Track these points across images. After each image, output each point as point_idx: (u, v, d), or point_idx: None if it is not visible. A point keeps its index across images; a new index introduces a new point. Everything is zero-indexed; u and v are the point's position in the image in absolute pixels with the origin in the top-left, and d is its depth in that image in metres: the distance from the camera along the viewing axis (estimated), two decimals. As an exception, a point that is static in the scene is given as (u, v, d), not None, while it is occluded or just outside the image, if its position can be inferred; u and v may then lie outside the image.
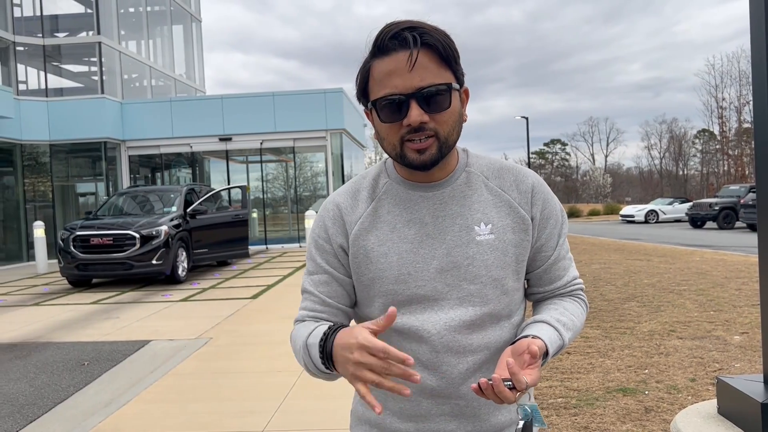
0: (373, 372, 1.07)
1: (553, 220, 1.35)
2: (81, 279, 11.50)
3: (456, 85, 1.24)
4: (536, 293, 1.40)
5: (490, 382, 1.10)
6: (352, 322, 1.42)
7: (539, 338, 1.21)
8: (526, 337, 1.21)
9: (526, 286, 1.41)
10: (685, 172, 69.32)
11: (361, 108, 1.33)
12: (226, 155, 19.70)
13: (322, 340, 1.20)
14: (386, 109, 1.22)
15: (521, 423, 1.14)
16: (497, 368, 1.15)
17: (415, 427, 1.32)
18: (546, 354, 1.21)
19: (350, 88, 1.32)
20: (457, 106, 1.24)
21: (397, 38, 1.19)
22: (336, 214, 1.35)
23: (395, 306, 1.27)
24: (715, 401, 2.07)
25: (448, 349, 1.26)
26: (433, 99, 1.20)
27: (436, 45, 1.20)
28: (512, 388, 1.10)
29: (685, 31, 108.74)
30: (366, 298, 1.33)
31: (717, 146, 58.96)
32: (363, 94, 1.28)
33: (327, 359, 1.18)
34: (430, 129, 1.21)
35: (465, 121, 1.29)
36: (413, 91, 1.19)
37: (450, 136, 1.24)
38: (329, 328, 1.22)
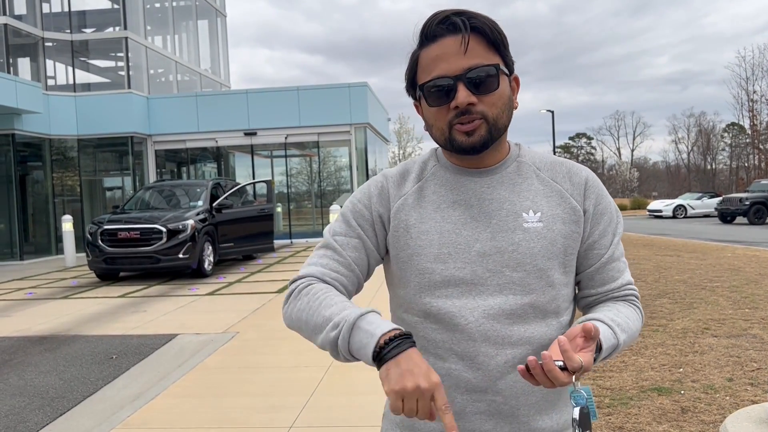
0: (414, 409, 1.03)
1: (608, 216, 1.29)
2: (109, 272, 11.61)
3: (504, 68, 1.21)
4: (588, 296, 1.32)
5: (540, 361, 1.03)
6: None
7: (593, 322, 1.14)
8: (578, 324, 1.14)
9: (577, 290, 1.34)
10: (714, 167, 68.16)
11: (385, 102, 1.30)
12: (251, 150, 19.77)
13: (397, 337, 1.07)
14: (434, 92, 1.20)
15: (576, 410, 1.07)
16: (548, 351, 1.08)
17: None
18: (599, 349, 1.14)
19: (375, 82, 1.29)
20: (506, 89, 1.22)
21: (444, 23, 1.18)
22: (383, 185, 1.32)
23: (430, 288, 1.22)
24: (766, 405, 1.98)
25: (486, 339, 1.20)
26: (481, 80, 1.18)
27: (484, 28, 1.18)
28: (564, 369, 1.03)
29: (714, 23, 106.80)
30: (403, 277, 1.28)
31: (747, 140, 57.84)
32: (411, 84, 1.26)
33: (381, 357, 1.06)
34: (477, 111, 1.18)
35: (516, 108, 1.26)
36: (460, 72, 1.17)
37: (499, 119, 1.21)
38: (402, 332, 1.09)
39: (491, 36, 1.19)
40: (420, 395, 1.02)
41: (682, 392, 4.23)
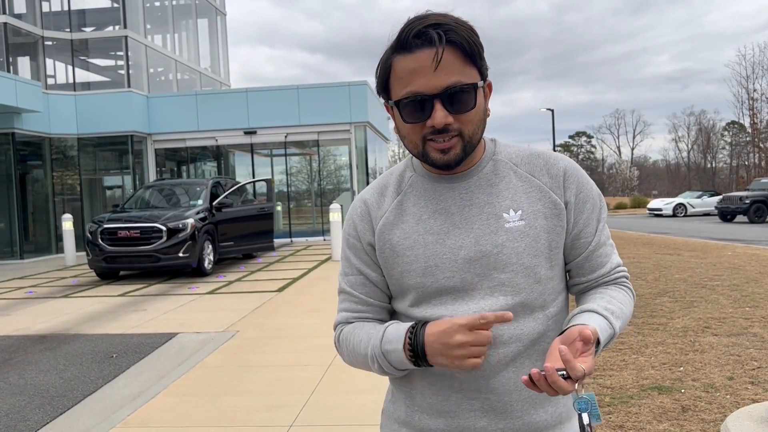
0: (478, 345, 1.13)
1: (590, 204, 1.29)
2: (109, 271, 11.60)
3: (481, 83, 1.21)
4: (579, 284, 1.34)
5: (543, 372, 1.04)
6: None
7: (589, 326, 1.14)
8: (574, 326, 1.15)
9: (568, 278, 1.35)
10: (714, 165, 68.13)
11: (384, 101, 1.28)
12: (251, 148, 19.76)
13: (409, 340, 1.20)
14: (409, 108, 1.19)
15: (585, 416, 1.07)
16: (548, 358, 1.10)
17: (444, 423, 1.27)
18: (597, 343, 1.14)
19: (375, 81, 1.28)
20: (481, 103, 1.22)
21: (421, 36, 1.16)
22: (363, 211, 1.34)
23: (425, 298, 1.26)
24: (767, 404, 1.98)
25: None
26: (458, 99, 1.17)
27: (461, 42, 1.16)
28: (567, 377, 1.04)
29: (715, 21, 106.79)
30: (399, 291, 1.31)
31: (747, 138, 57.80)
32: (384, 88, 1.25)
33: (419, 357, 1.19)
34: (454, 129, 1.18)
35: (488, 116, 1.26)
36: (438, 91, 1.16)
37: (474, 135, 1.22)
38: (410, 328, 1.21)
39: (468, 49, 1.17)
40: (468, 343, 1.13)
41: (683, 391, 4.23)
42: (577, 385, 1.06)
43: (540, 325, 1.25)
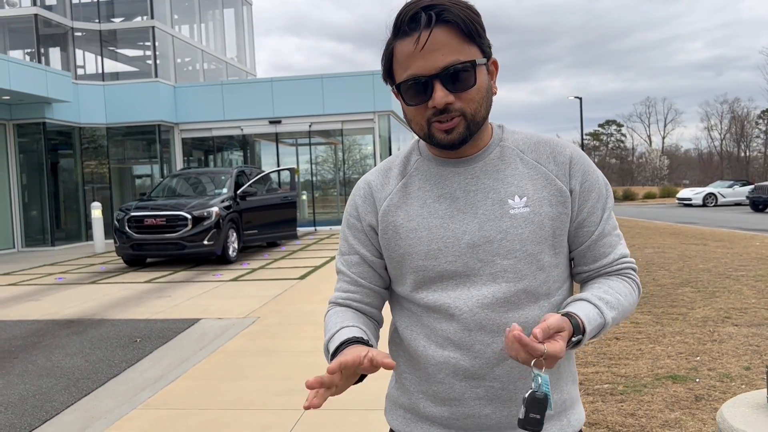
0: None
1: (596, 193, 1.29)
2: (135, 258, 11.84)
3: (481, 60, 1.20)
4: (582, 272, 1.33)
5: (512, 332, 1.08)
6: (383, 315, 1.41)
7: (575, 315, 1.15)
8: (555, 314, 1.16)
9: (572, 266, 1.35)
10: (747, 154, 66.79)
11: None
12: (276, 138, 19.90)
13: (333, 351, 1.24)
14: (411, 91, 1.20)
15: (527, 393, 1.10)
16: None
17: (449, 411, 1.28)
18: (584, 332, 1.15)
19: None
20: (484, 81, 1.21)
21: (415, 19, 1.17)
22: (366, 192, 1.35)
23: (426, 283, 1.26)
24: (765, 391, 1.99)
25: (481, 328, 1.22)
26: (458, 77, 1.18)
27: (456, 21, 1.16)
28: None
29: (751, 7, 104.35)
30: (398, 275, 1.32)
31: (781, 127, 56.52)
32: (389, 74, 1.26)
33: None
34: (456, 109, 1.19)
35: (495, 93, 1.26)
36: (436, 71, 1.17)
37: (477, 113, 1.21)
38: (342, 342, 1.22)
39: (465, 28, 1.17)
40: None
41: (698, 380, 4.22)
42: (534, 364, 1.08)
43: (545, 313, 1.24)
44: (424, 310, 1.28)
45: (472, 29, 1.18)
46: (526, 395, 1.09)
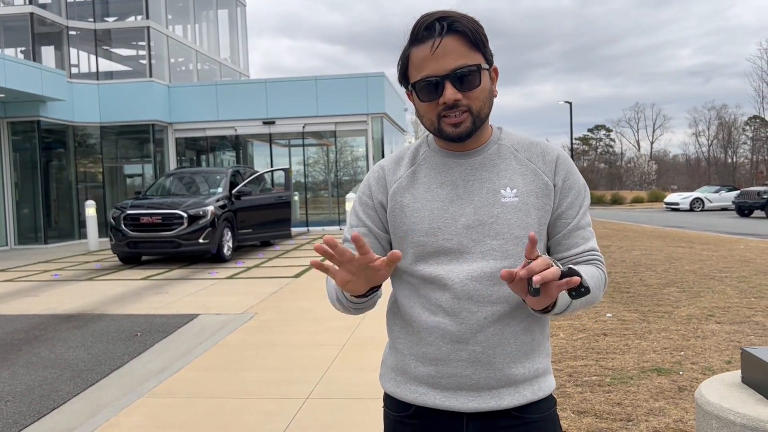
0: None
1: (575, 191, 1.49)
2: (131, 256, 11.95)
3: (485, 65, 1.42)
4: (556, 259, 1.51)
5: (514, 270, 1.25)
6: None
7: (569, 267, 1.29)
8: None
9: (549, 254, 1.53)
10: (734, 160, 67.48)
11: (401, 92, 1.52)
12: (269, 138, 20.04)
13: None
14: (424, 89, 1.41)
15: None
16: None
17: (435, 370, 1.46)
18: (563, 275, 1.24)
19: (394, 72, 1.45)
20: (487, 83, 1.43)
21: (430, 28, 1.39)
22: (380, 175, 1.56)
23: (424, 257, 1.46)
24: (739, 372, 2.18)
25: (469, 297, 1.41)
26: (465, 78, 1.39)
27: (465, 31, 1.39)
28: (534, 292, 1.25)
29: (740, 14, 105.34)
30: (401, 249, 1.51)
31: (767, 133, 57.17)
32: (404, 77, 1.48)
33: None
34: (463, 105, 1.40)
35: (495, 96, 1.47)
36: (447, 72, 1.38)
37: (482, 110, 1.43)
38: None
39: (472, 37, 1.39)
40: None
41: (681, 372, 4.42)
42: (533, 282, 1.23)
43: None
44: (421, 282, 1.47)
45: (478, 39, 1.40)
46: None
